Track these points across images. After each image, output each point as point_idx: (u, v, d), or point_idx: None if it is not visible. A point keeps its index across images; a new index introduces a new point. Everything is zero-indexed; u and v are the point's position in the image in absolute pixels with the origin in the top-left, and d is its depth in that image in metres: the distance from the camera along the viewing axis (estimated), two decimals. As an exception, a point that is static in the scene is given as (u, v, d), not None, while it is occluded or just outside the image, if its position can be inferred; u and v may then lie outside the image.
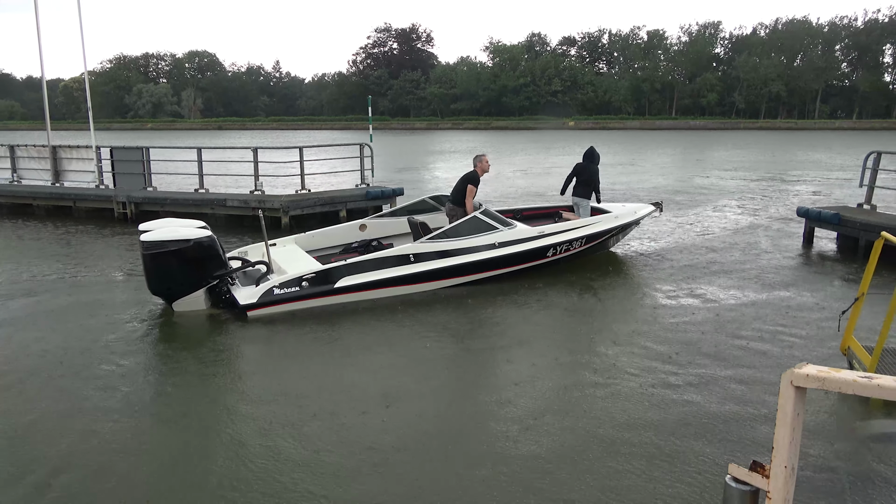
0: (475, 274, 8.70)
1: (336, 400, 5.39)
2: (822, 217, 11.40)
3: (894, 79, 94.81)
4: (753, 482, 2.06)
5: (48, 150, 16.42)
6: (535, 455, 4.50)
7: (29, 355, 6.44)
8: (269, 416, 5.10)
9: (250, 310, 7.48)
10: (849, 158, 33.09)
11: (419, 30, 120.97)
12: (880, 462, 4.45)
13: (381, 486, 4.15)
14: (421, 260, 8.38)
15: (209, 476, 4.29)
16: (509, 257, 8.84)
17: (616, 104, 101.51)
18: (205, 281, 7.66)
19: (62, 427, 4.94)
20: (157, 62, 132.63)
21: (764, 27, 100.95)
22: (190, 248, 7.41)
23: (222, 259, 7.81)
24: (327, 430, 4.86)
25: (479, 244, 8.69)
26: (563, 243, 9.35)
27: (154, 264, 7.43)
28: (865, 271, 5.64)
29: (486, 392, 5.60)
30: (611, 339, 6.84)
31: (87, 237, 13.11)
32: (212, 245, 7.60)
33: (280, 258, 8.57)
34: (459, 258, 8.53)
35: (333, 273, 7.96)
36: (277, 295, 7.61)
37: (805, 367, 1.91)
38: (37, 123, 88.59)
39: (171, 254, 7.35)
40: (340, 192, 14.92)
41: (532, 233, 9.15)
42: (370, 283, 8.07)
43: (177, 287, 7.61)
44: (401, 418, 5.07)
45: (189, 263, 7.46)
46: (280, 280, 7.70)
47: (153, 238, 7.40)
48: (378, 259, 8.28)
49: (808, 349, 6.56)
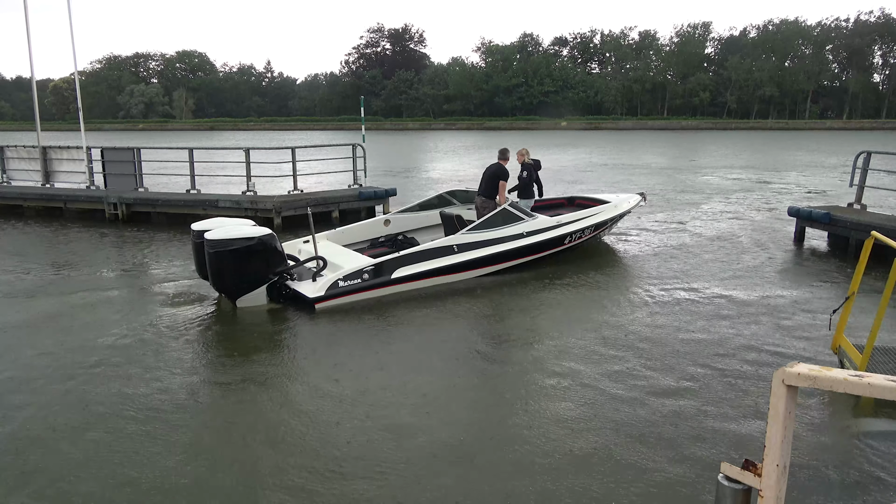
0: (508, 262, 9.34)
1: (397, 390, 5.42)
2: (812, 216, 11.47)
3: (884, 79, 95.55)
4: (746, 481, 2.07)
5: (38, 150, 16.30)
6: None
7: (98, 347, 6.52)
8: (351, 398, 5.38)
9: (318, 302, 7.78)
10: (839, 158, 33.31)
11: (412, 30, 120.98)
12: (871, 460, 4.48)
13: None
14: (464, 250, 8.97)
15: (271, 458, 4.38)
16: (535, 245, 9.56)
17: (608, 105, 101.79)
18: (267, 277, 7.89)
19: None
20: (148, 62, 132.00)
21: (755, 28, 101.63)
22: (254, 246, 7.62)
23: (283, 256, 8.05)
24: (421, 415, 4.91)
25: (510, 234, 9.34)
26: (577, 231, 10.14)
27: (220, 262, 7.62)
28: (856, 270, 5.68)
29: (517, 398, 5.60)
30: (599, 337, 6.85)
31: (82, 237, 13.03)
32: (273, 242, 7.84)
33: (325, 254, 8.74)
34: (496, 247, 9.16)
35: (389, 265, 8.39)
36: (342, 287, 7.99)
37: (796, 365, 1.92)
38: (26, 124, 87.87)
39: (236, 252, 7.55)
40: (333, 193, 14.89)
41: (552, 222, 9.88)
42: (421, 274, 8.56)
43: (241, 284, 7.82)
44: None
45: (253, 261, 7.69)
46: (343, 273, 8.06)
47: (218, 237, 7.59)
48: (426, 250, 8.78)
49: (799, 348, 6.59)
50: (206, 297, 8.45)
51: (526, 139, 58.23)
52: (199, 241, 7.83)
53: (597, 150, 42.31)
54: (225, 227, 7.92)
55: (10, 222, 14.90)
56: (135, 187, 15.22)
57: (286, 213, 13.59)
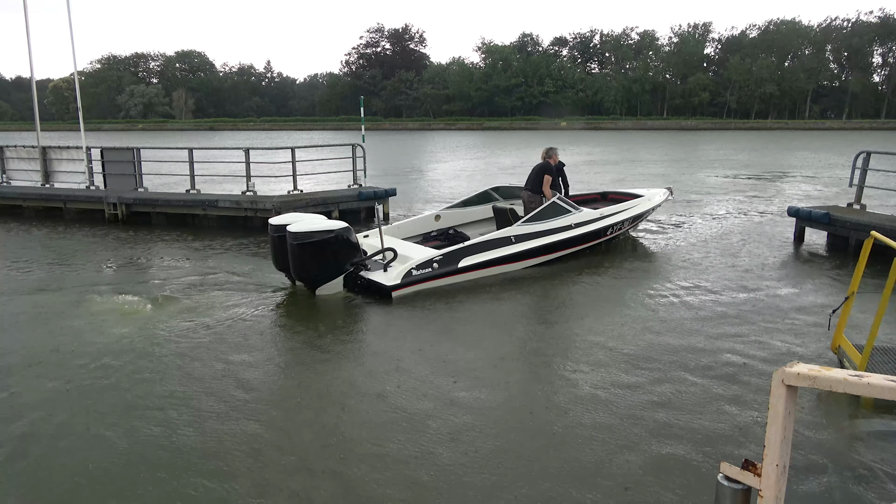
0: (558, 252, 9.92)
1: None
2: (812, 216, 11.47)
3: (883, 80, 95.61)
4: (745, 480, 2.07)
5: (38, 150, 16.30)
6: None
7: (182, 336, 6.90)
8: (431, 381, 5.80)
9: (395, 290, 8.22)
10: (839, 158, 33.33)
11: (411, 30, 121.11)
12: (871, 460, 4.48)
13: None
14: (520, 240, 9.48)
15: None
16: (582, 236, 10.15)
17: (607, 105, 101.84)
18: (344, 268, 8.36)
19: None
20: (148, 62, 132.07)
21: (755, 28, 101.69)
22: (334, 238, 8.12)
23: (358, 248, 8.52)
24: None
25: (560, 225, 9.91)
26: (617, 223, 10.76)
27: (303, 254, 8.10)
28: (855, 270, 5.69)
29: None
30: (597, 337, 6.85)
31: (79, 237, 13.03)
32: (350, 235, 8.34)
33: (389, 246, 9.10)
34: (548, 238, 9.71)
35: (456, 254, 8.90)
36: (415, 276, 8.45)
37: (796, 365, 1.92)
38: (26, 124, 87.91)
39: (318, 243, 8.04)
40: (332, 193, 14.87)
41: (595, 215, 10.44)
42: (485, 263, 9.09)
43: (322, 274, 8.30)
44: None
45: (333, 252, 8.19)
46: (416, 262, 8.52)
47: (301, 229, 8.04)
48: (488, 241, 9.29)
49: (799, 348, 6.59)
50: (261, 287, 8.94)
51: (525, 139, 58.26)
52: (278, 234, 8.34)
53: (597, 150, 42.31)
54: (304, 221, 8.42)
55: (9, 223, 14.90)
56: (134, 187, 15.22)
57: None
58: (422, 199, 18.26)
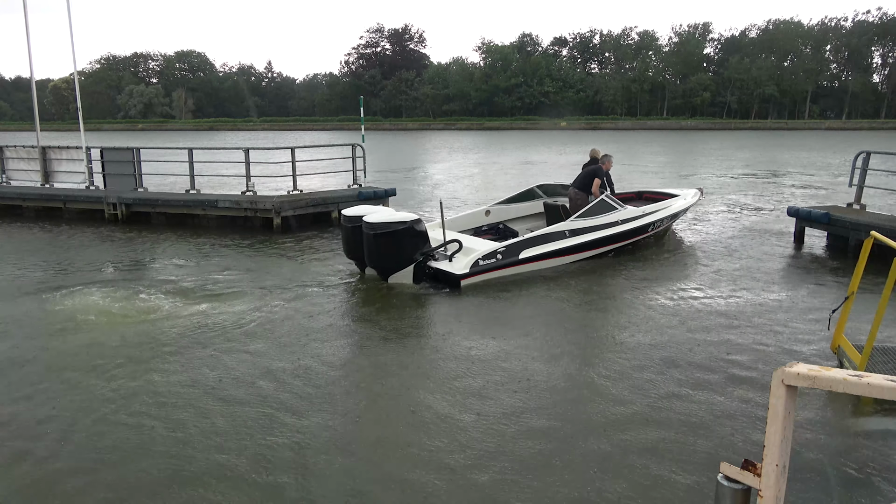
0: (606, 246, 10.40)
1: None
2: (812, 216, 11.47)
3: (883, 80, 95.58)
4: (745, 480, 2.07)
5: (37, 150, 16.29)
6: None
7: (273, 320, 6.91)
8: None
9: (464, 279, 8.74)
10: (838, 158, 33.33)
11: (411, 30, 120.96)
12: (871, 460, 4.48)
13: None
14: (573, 235, 10.01)
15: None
16: (628, 232, 10.60)
17: (607, 104, 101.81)
18: (415, 257, 8.81)
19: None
20: (147, 62, 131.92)
21: (755, 28, 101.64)
22: (408, 229, 8.64)
23: (428, 239, 8.96)
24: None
25: (608, 221, 10.40)
26: (657, 221, 11.20)
27: (379, 243, 8.64)
28: (855, 270, 5.69)
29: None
30: (595, 338, 6.85)
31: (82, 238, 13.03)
32: (422, 227, 8.85)
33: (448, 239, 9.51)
34: (598, 233, 10.19)
35: (517, 246, 9.47)
36: (482, 266, 8.97)
37: (796, 365, 1.92)
38: (26, 124, 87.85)
39: (393, 234, 8.57)
40: (332, 193, 14.87)
41: (638, 212, 10.93)
42: (543, 255, 9.62)
43: (395, 263, 8.80)
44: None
45: (407, 242, 8.68)
46: (482, 253, 9.04)
47: (377, 220, 8.60)
48: (545, 234, 9.82)
49: (799, 348, 6.59)
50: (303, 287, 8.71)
51: (525, 139, 58.24)
52: (351, 225, 8.97)
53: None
54: (379, 213, 9.00)
55: (9, 223, 14.89)
56: (134, 187, 15.22)
57: (285, 214, 13.57)
58: (423, 199, 18.25)
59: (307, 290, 8.80)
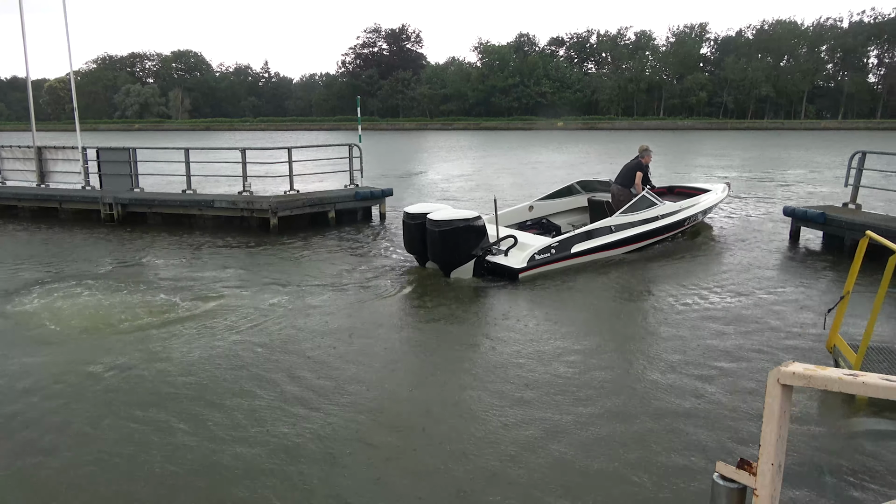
0: (648, 240, 10.87)
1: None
2: (807, 216, 11.49)
3: (879, 80, 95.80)
4: (741, 480, 2.07)
5: (33, 150, 16.24)
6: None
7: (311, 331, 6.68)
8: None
9: (522, 272, 9.14)
10: (834, 158, 33.39)
11: (408, 30, 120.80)
12: (866, 459, 4.49)
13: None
14: (619, 230, 10.44)
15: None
16: (667, 226, 11.06)
17: (604, 104, 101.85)
18: (475, 253, 9.17)
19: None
20: (144, 62, 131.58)
21: (751, 28, 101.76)
22: (470, 226, 9.00)
23: (487, 235, 9.29)
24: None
25: (650, 216, 10.80)
26: (692, 216, 11.65)
27: (443, 239, 9.01)
28: (850, 270, 5.71)
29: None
30: (595, 340, 6.86)
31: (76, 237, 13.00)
32: (481, 223, 9.19)
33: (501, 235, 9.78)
34: (641, 227, 10.64)
35: (569, 241, 9.90)
36: (538, 260, 9.39)
37: (791, 365, 1.92)
38: (21, 124, 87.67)
39: (457, 230, 8.94)
40: (329, 193, 14.84)
41: (675, 208, 11.30)
42: (593, 249, 10.09)
43: (457, 258, 9.18)
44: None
45: (468, 238, 9.05)
46: (538, 248, 9.42)
47: (442, 218, 8.99)
48: (594, 229, 10.27)
49: (794, 347, 6.60)
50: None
51: (523, 139, 58.24)
52: (413, 221, 9.39)
53: (594, 149, 42.33)
54: (442, 210, 9.38)
55: (4, 223, 14.84)
56: (130, 187, 15.18)
57: (282, 214, 13.55)
58: (421, 199, 18.22)
59: (306, 290, 8.79)
